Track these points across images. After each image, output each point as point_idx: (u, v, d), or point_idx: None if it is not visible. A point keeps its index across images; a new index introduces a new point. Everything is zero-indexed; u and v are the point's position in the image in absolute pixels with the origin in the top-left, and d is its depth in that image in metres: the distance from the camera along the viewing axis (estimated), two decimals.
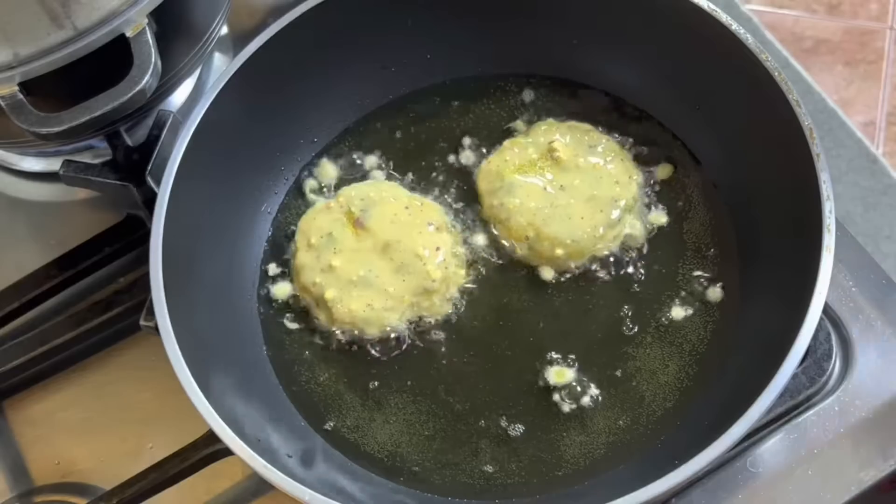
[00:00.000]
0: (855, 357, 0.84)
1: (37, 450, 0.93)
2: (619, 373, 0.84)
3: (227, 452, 0.77)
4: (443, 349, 0.87)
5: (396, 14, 0.94)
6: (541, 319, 0.87)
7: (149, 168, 0.92)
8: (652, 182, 0.91)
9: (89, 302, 0.95)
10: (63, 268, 0.95)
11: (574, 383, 0.84)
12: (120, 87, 0.80)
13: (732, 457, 0.81)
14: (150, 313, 0.79)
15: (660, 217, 0.90)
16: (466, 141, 0.96)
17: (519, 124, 0.96)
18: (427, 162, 0.95)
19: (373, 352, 0.87)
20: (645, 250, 0.89)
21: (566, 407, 0.83)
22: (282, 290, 0.91)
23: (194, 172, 0.85)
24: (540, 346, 0.86)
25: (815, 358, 0.83)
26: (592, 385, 0.84)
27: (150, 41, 0.83)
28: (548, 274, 0.88)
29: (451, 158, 0.96)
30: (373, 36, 0.94)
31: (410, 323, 0.88)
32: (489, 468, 0.82)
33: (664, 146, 0.93)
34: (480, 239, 0.91)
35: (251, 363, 0.88)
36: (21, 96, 0.81)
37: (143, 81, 0.81)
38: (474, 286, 0.89)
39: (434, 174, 0.95)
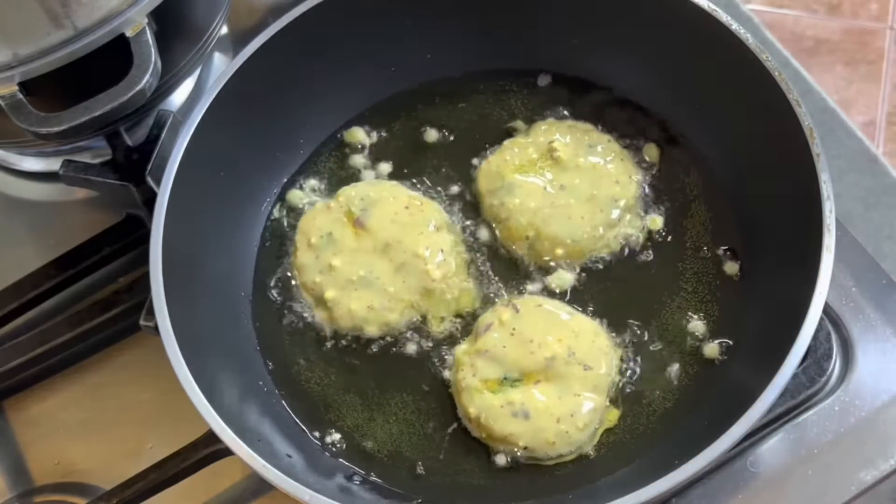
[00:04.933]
0: (855, 357, 0.84)
1: (37, 450, 0.93)
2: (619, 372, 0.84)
3: (227, 452, 0.77)
4: (443, 348, 0.87)
5: (396, 14, 0.94)
6: None
7: (149, 168, 0.92)
8: (652, 182, 0.91)
9: (89, 302, 0.95)
10: (63, 268, 0.95)
11: None
12: (120, 86, 0.80)
13: (732, 457, 0.81)
14: (150, 313, 0.79)
15: (656, 221, 0.89)
16: (466, 140, 0.96)
17: (519, 124, 0.96)
18: (427, 161, 0.95)
19: (373, 351, 0.87)
20: (644, 250, 0.89)
21: None
22: (281, 289, 0.91)
23: (194, 172, 0.85)
24: None
25: (816, 358, 0.83)
26: None
27: (150, 41, 0.83)
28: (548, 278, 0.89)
29: (451, 157, 0.96)
30: (373, 36, 0.94)
31: (410, 322, 0.88)
32: (490, 469, 0.82)
33: (664, 145, 0.93)
34: (481, 238, 0.91)
35: (251, 363, 0.88)
36: (21, 96, 0.81)
37: (143, 81, 0.81)
38: (474, 285, 0.89)
39: (434, 173, 0.95)
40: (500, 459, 0.81)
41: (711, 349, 0.83)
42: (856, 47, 2.20)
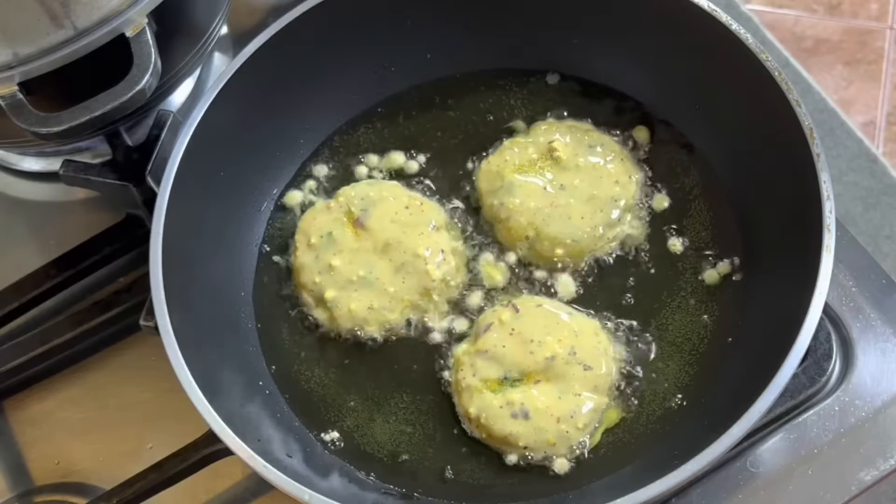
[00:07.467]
0: (855, 357, 0.84)
1: (37, 450, 0.93)
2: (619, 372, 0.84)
3: (227, 452, 0.77)
4: (443, 348, 0.87)
5: (396, 14, 0.94)
6: None
7: (149, 168, 0.92)
8: (651, 180, 0.91)
9: (89, 302, 0.95)
10: (63, 268, 0.95)
11: None
12: (120, 86, 0.81)
13: (732, 457, 0.81)
14: (150, 313, 0.79)
15: (662, 201, 0.90)
16: (466, 140, 0.96)
17: (519, 123, 0.96)
18: (427, 160, 0.95)
19: (373, 351, 0.87)
20: (645, 250, 0.89)
21: None
22: (281, 289, 0.91)
23: (194, 172, 0.85)
24: None
25: (815, 358, 0.83)
26: None
27: (150, 41, 0.83)
28: (550, 279, 0.89)
29: (451, 157, 0.96)
30: (373, 35, 0.94)
31: (410, 322, 0.88)
32: (489, 469, 0.82)
33: (664, 144, 0.93)
34: (481, 238, 0.91)
35: (251, 362, 0.88)
36: (21, 96, 0.81)
37: (143, 81, 0.81)
38: (474, 285, 0.89)
39: (434, 173, 0.95)
40: (500, 459, 0.81)
41: (711, 349, 0.83)
42: (856, 47, 2.20)
